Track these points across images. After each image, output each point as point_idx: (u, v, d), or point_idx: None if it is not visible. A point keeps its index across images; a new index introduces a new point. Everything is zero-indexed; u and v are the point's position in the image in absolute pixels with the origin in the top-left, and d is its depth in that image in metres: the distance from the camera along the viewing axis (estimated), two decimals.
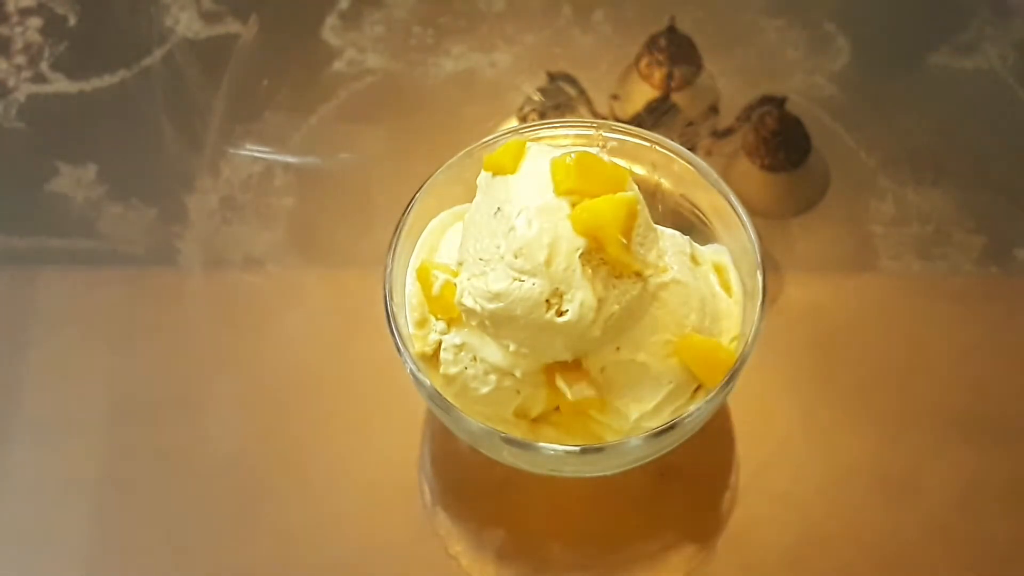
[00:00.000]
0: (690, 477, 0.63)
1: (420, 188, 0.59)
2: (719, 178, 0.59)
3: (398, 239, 0.58)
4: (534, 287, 0.51)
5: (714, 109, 0.75)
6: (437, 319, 0.57)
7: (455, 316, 0.56)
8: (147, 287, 0.71)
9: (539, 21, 0.79)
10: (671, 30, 0.76)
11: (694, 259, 0.59)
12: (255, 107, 0.76)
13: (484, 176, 0.55)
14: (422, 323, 0.58)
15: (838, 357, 0.67)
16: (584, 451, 0.55)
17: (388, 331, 0.56)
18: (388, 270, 0.57)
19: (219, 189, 0.73)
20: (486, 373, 0.56)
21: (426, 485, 0.65)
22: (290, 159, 0.75)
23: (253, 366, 0.68)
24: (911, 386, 0.67)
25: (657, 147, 0.60)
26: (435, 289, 0.56)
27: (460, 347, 0.56)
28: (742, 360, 0.55)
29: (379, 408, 0.66)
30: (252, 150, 0.75)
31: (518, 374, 0.55)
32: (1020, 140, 0.75)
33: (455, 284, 0.55)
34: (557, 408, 0.57)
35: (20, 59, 0.78)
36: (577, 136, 0.61)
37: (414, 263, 0.59)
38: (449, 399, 0.55)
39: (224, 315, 0.70)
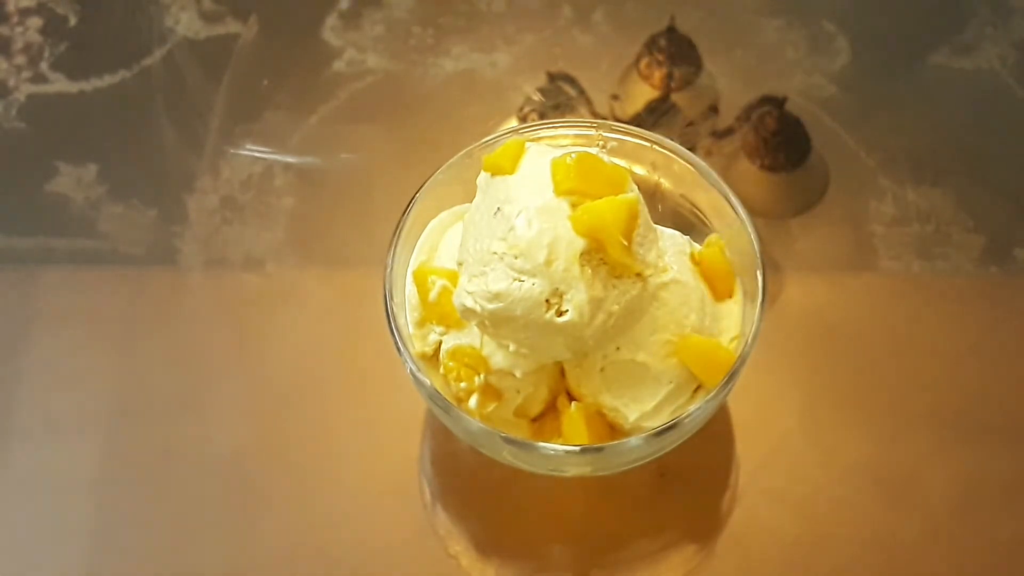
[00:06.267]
0: (690, 477, 0.63)
1: (420, 188, 0.59)
2: (719, 178, 0.59)
3: (398, 239, 0.58)
4: (534, 287, 0.51)
5: (714, 109, 0.75)
6: (434, 324, 0.57)
7: (451, 323, 0.56)
8: (147, 287, 0.71)
9: (539, 21, 0.79)
10: (671, 30, 0.76)
11: (694, 259, 0.58)
12: (255, 107, 0.76)
13: (484, 176, 0.55)
14: (422, 323, 0.58)
15: (838, 357, 0.67)
16: (584, 451, 0.55)
17: (388, 331, 0.56)
18: (388, 270, 0.57)
19: (219, 189, 0.73)
20: None
21: (426, 485, 0.65)
22: (290, 159, 0.74)
23: (253, 366, 0.68)
24: (911, 386, 0.67)
25: (657, 147, 0.60)
26: (432, 295, 0.56)
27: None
28: (742, 360, 0.55)
29: (379, 408, 0.66)
30: (252, 150, 0.75)
31: (518, 374, 0.55)
32: (1020, 140, 0.75)
33: (452, 290, 0.55)
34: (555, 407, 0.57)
35: (20, 59, 0.78)
36: (577, 136, 0.61)
37: (414, 263, 0.59)
38: (449, 399, 0.55)
39: (224, 315, 0.70)
